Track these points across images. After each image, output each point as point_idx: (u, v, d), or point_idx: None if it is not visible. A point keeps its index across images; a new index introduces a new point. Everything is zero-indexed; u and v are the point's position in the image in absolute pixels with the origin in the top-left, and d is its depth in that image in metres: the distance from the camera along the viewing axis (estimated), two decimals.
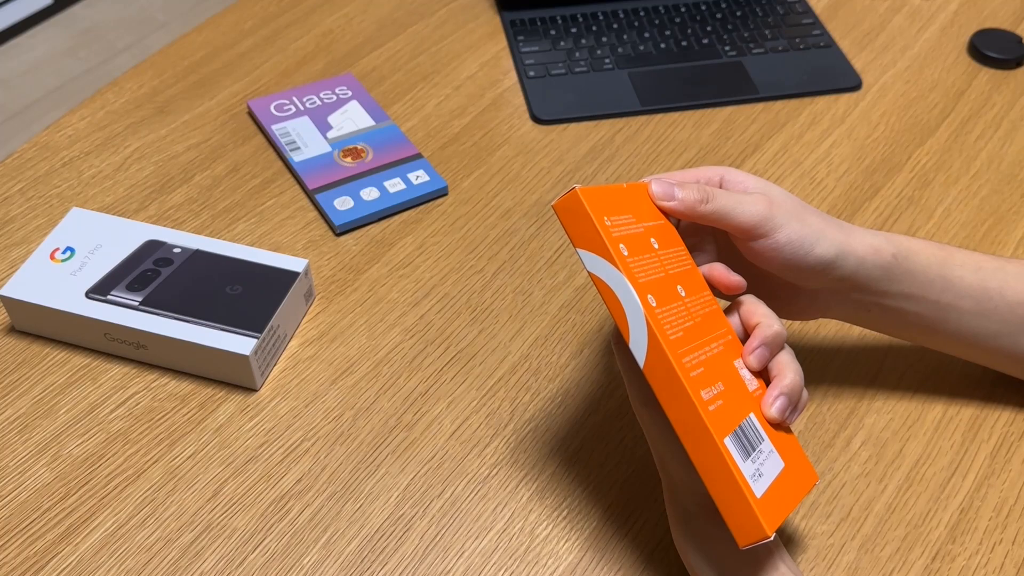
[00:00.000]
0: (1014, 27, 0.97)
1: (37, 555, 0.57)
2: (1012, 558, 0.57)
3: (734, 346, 0.53)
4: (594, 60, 0.92)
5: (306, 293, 0.70)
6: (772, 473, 0.49)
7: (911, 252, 0.57)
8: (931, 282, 0.58)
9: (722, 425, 0.47)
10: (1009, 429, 0.64)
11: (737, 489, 0.46)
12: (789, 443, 0.52)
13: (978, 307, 0.58)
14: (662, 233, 0.54)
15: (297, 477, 0.61)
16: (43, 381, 0.66)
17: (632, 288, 0.48)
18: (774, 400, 0.50)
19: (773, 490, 0.48)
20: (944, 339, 0.60)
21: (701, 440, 0.47)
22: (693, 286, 0.53)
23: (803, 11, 0.98)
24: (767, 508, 0.47)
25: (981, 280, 0.58)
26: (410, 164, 0.81)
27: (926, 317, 0.59)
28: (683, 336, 0.49)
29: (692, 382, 0.47)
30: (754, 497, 0.46)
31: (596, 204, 0.50)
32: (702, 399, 0.47)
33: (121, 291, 0.66)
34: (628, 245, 0.50)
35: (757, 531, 0.46)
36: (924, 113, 0.88)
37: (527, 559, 0.57)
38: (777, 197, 0.54)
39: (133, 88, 0.89)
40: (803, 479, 0.51)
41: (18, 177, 0.81)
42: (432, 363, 0.68)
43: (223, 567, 0.57)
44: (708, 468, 0.47)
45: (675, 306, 0.50)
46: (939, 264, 0.58)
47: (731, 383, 0.50)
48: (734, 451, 0.47)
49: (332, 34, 0.96)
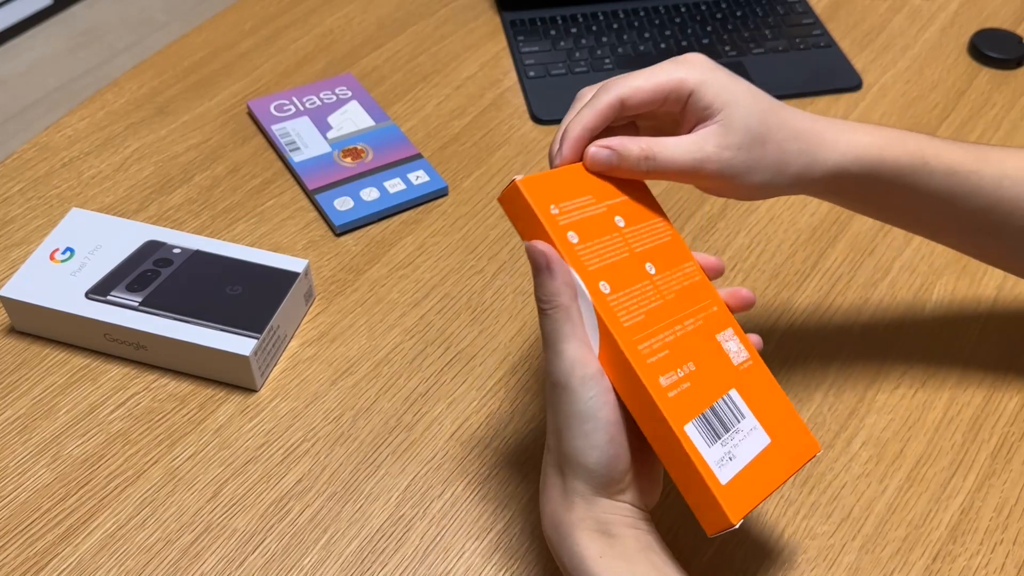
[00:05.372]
0: (1014, 27, 0.97)
1: (37, 556, 0.57)
2: (1013, 558, 0.57)
3: (718, 319, 0.51)
4: (594, 60, 0.92)
5: (306, 293, 0.70)
6: (750, 453, 0.47)
7: (885, 162, 0.54)
8: (902, 196, 0.56)
9: (684, 411, 0.46)
10: (1010, 429, 0.64)
11: (698, 477, 0.45)
12: (781, 415, 0.50)
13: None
14: (631, 208, 0.52)
15: (297, 478, 0.61)
16: (43, 381, 0.66)
17: (579, 277, 0.47)
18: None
19: (749, 472, 0.46)
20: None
21: (659, 429, 0.46)
22: (668, 260, 0.51)
23: (803, 11, 0.98)
24: (734, 494, 0.45)
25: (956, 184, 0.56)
26: (410, 164, 0.81)
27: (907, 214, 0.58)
28: (644, 320, 0.48)
29: (648, 369, 0.46)
30: (717, 484, 0.45)
31: (541, 193, 0.48)
32: (659, 386, 0.46)
33: (121, 291, 0.66)
34: (581, 230, 0.48)
35: (721, 520, 0.45)
36: (924, 113, 0.88)
37: (528, 559, 0.57)
38: (736, 123, 0.51)
39: (133, 88, 0.89)
40: (798, 451, 0.50)
41: (18, 177, 0.80)
42: (432, 363, 0.68)
43: (223, 568, 0.57)
44: (669, 457, 0.46)
45: (637, 288, 0.49)
46: (911, 173, 0.55)
47: (708, 360, 0.49)
48: (696, 438, 0.46)
49: (332, 34, 0.96)
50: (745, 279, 0.73)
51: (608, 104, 0.51)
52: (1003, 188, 0.55)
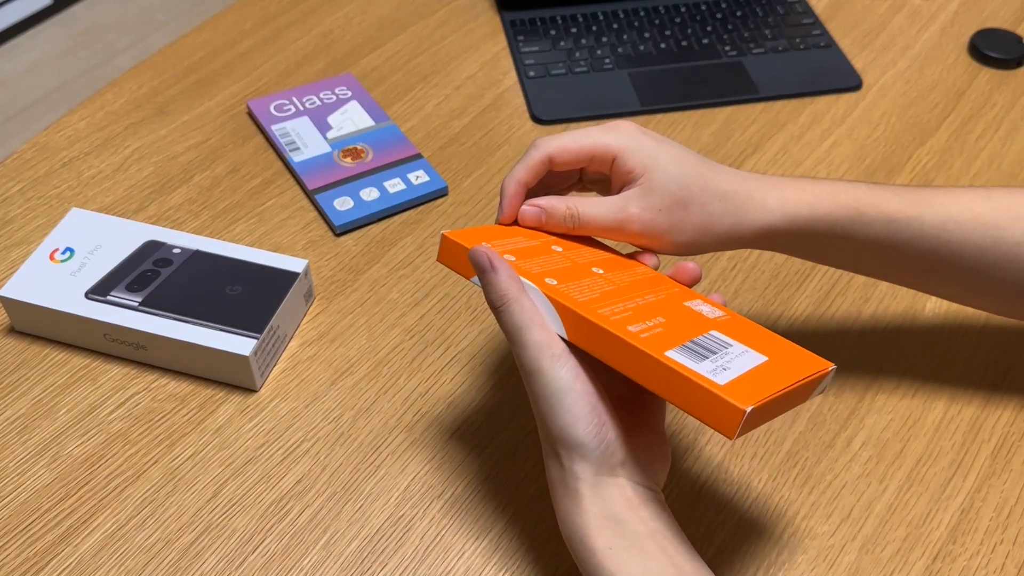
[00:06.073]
0: (1014, 27, 0.97)
1: (37, 556, 0.57)
2: (1013, 559, 0.57)
3: (683, 294, 0.54)
4: (594, 60, 0.92)
5: (306, 293, 0.70)
6: (745, 367, 0.47)
7: (817, 217, 0.56)
8: (840, 247, 0.57)
9: (661, 344, 0.46)
10: (1010, 429, 0.64)
11: (693, 385, 0.44)
12: (779, 346, 0.51)
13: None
14: (568, 241, 0.56)
15: (297, 478, 0.61)
16: (43, 382, 0.66)
17: (525, 279, 0.49)
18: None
19: (748, 378, 0.46)
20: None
21: (643, 364, 0.46)
22: (616, 267, 0.54)
23: (803, 11, 0.98)
24: (738, 391, 0.44)
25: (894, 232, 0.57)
26: (410, 164, 0.81)
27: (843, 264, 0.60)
28: (599, 297, 0.49)
29: (615, 324, 0.47)
30: (715, 385, 0.44)
31: (472, 238, 0.52)
32: (630, 332, 0.46)
33: (121, 292, 0.66)
34: (518, 255, 0.51)
35: (733, 413, 0.43)
36: (924, 113, 0.88)
37: (528, 559, 0.57)
38: (656, 187, 0.54)
39: (133, 88, 0.89)
40: (803, 367, 0.49)
41: (18, 177, 0.80)
42: (432, 363, 0.68)
43: (223, 568, 0.57)
44: (665, 386, 0.45)
45: (589, 280, 0.51)
46: (848, 225, 0.56)
47: (677, 317, 0.50)
48: (681, 358, 0.46)
49: (332, 34, 0.96)
50: (745, 279, 0.73)
51: (537, 160, 0.56)
52: (947, 231, 0.56)
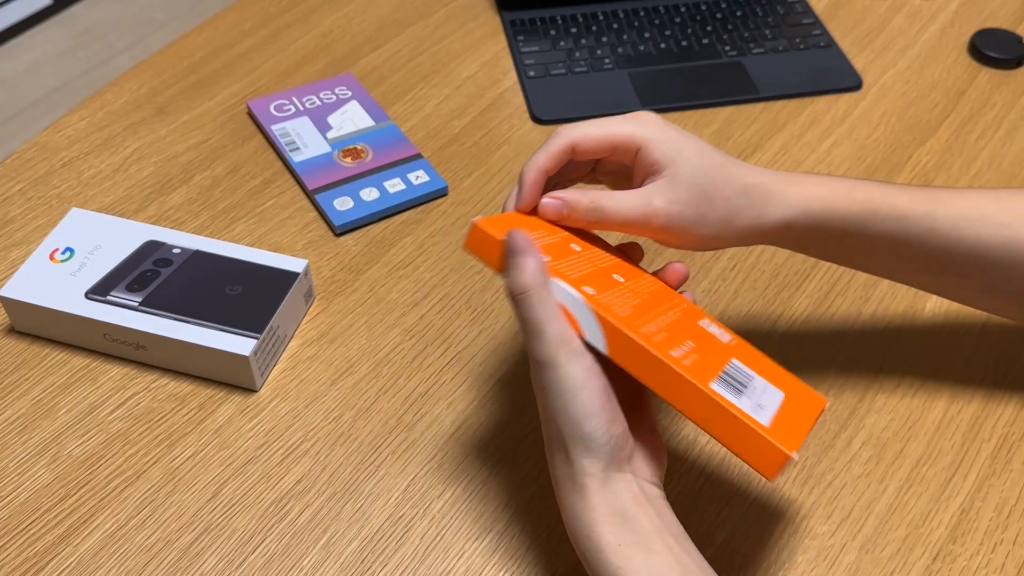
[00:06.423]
0: (1014, 27, 0.97)
1: (37, 556, 0.57)
2: (1013, 558, 0.57)
3: (692, 311, 0.54)
4: (594, 60, 0.92)
5: (306, 293, 0.70)
6: (774, 404, 0.48)
7: (835, 212, 0.56)
8: (852, 243, 0.57)
9: (704, 374, 0.47)
10: (1010, 429, 0.64)
11: (741, 425, 0.45)
12: (782, 376, 0.52)
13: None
14: (581, 239, 0.56)
15: (297, 478, 0.61)
16: (43, 382, 0.66)
17: (565, 284, 0.48)
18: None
19: (781, 418, 0.47)
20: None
21: (689, 395, 0.46)
22: (629, 273, 0.54)
23: (803, 11, 0.98)
24: (780, 432, 0.46)
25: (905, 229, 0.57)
26: (410, 164, 0.81)
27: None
28: (633, 312, 0.49)
29: (658, 346, 0.47)
30: (761, 426, 0.45)
31: (502, 227, 0.51)
32: (674, 358, 0.47)
33: (121, 292, 0.66)
34: (549, 252, 0.51)
35: (778, 455, 0.45)
36: (924, 113, 0.88)
37: (528, 559, 0.57)
38: (681, 179, 0.53)
39: (133, 88, 0.89)
40: (809, 406, 0.51)
41: (18, 177, 0.80)
42: (432, 363, 0.68)
43: (223, 568, 0.57)
44: (708, 419, 0.46)
45: (615, 291, 0.51)
46: (863, 221, 0.56)
47: (701, 340, 0.51)
48: (724, 392, 0.47)
49: (332, 34, 0.96)
50: (745, 279, 0.73)
51: (560, 147, 0.54)
52: (959, 229, 0.56)
